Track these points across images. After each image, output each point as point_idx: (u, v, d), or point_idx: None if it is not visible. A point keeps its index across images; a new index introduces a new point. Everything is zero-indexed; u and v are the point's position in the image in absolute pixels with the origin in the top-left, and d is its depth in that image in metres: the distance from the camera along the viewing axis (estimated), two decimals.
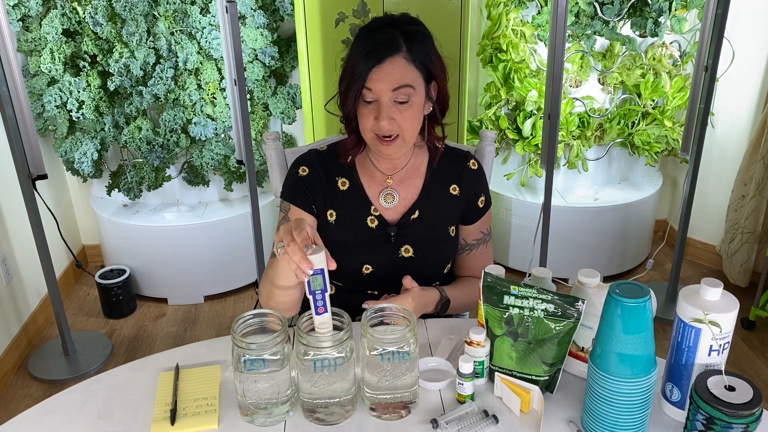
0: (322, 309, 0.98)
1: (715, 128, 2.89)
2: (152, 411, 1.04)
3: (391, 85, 1.18)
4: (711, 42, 2.25)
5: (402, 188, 1.34)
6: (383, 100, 1.19)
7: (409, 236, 1.33)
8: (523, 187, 2.94)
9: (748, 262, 2.72)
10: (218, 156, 2.62)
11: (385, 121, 1.19)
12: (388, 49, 1.17)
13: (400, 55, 1.18)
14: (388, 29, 1.20)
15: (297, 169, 1.34)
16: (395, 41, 1.18)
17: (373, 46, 1.18)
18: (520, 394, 1.01)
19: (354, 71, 1.19)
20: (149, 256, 2.76)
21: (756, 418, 0.86)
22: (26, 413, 1.05)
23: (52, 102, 2.49)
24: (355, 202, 1.33)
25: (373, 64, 1.17)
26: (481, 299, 1.07)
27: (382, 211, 1.33)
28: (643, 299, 0.88)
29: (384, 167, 1.34)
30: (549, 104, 2.21)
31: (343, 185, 1.34)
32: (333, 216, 1.33)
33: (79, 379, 1.82)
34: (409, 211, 1.33)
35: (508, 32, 2.65)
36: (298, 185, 1.33)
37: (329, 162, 1.34)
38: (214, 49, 2.48)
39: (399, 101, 1.19)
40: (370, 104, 1.21)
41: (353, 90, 1.20)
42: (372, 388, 1.01)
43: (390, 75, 1.17)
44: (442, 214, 1.35)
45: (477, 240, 1.41)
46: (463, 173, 1.37)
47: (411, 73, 1.19)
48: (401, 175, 1.34)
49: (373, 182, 1.34)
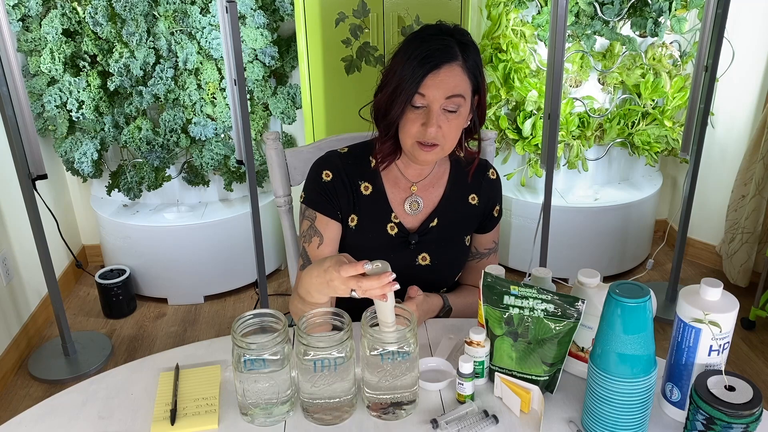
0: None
1: (715, 128, 2.89)
2: (152, 411, 1.04)
3: (446, 93, 1.16)
4: (711, 42, 2.25)
5: (425, 196, 1.33)
6: (434, 107, 1.16)
7: (428, 244, 1.33)
8: (523, 187, 2.94)
9: (748, 262, 2.72)
10: (218, 156, 2.62)
11: (433, 128, 1.16)
12: (445, 56, 1.15)
13: (457, 63, 1.16)
14: (444, 37, 1.17)
15: (320, 174, 1.29)
16: (452, 49, 1.16)
17: (429, 51, 1.15)
18: (520, 394, 1.01)
19: (405, 75, 1.16)
20: (149, 256, 2.76)
21: (756, 418, 0.86)
22: (26, 413, 1.05)
23: (52, 102, 2.49)
24: (376, 208, 1.31)
25: (429, 69, 1.14)
26: (481, 299, 1.07)
27: (403, 218, 1.32)
28: (643, 299, 0.88)
29: (411, 174, 1.32)
30: (549, 104, 2.21)
31: (366, 190, 1.31)
32: (354, 221, 1.31)
33: (79, 379, 1.82)
34: (428, 219, 1.33)
35: (508, 32, 2.65)
36: (323, 191, 1.28)
37: (352, 165, 1.31)
38: (214, 49, 2.48)
39: (449, 110, 1.17)
40: (417, 110, 1.18)
41: (404, 94, 1.16)
42: (372, 388, 1.01)
43: (445, 82, 1.15)
44: (460, 222, 1.35)
45: (489, 249, 1.41)
46: (483, 182, 1.36)
47: (464, 83, 1.17)
48: (425, 183, 1.33)
49: (397, 189, 1.32)
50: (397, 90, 1.17)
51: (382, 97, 1.21)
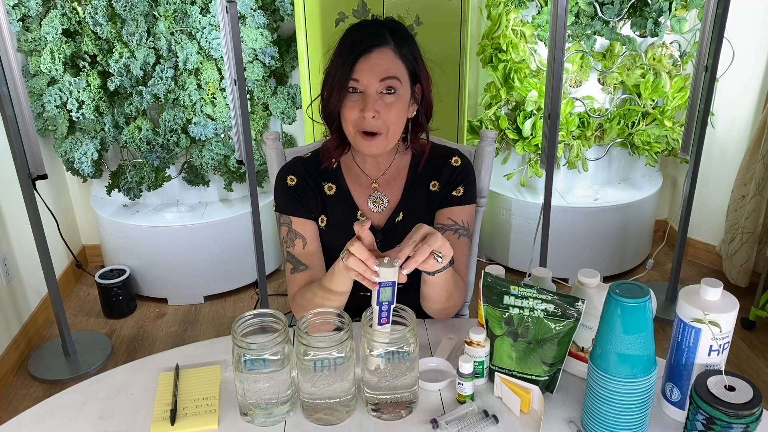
0: (385, 320, 0.99)
1: (715, 128, 2.89)
2: (152, 411, 1.04)
3: (379, 75, 1.17)
4: (711, 42, 2.25)
5: (388, 191, 1.33)
6: (369, 91, 1.18)
7: (394, 242, 1.31)
8: (523, 187, 2.94)
9: (748, 262, 2.72)
10: (218, 156, 2.62)
11: (370, 113, 1.17)
12: (375, 40, 1.18)
13: (388, 46, 1.18)
14: (374, 25, 1.21)
15: (285, 179, 1.32)
16: (383, 35, 1.19)
17: (359, 37, 1.19)
18: (520, 394, 1.01)
19: (339, 63, 1.18)
20: (149, 256, 2.76)
21: (756, 418, 0.86)
22: (26, 413, 1.05)
23: (52, 102, 2.49)
24: (342, 207, 1.32)
25: (360, 53, 1.17)
26: (481, 299, 1.07)
27: (369, 216, 1.32)
28: (643, 299, 0.88)
29: (369, 170, 1.32)
30: (549, 104, 2.21)
31: (330, 190, 1.32)
32: (324, 221, 1.32)
33: (79, 379, 1.82)
34: (393, 215, 1.32)
35: (508, 32, 2.65)
36: (291, 195, 1.31)
37: (314, 168, 1.33)
38: (214, 49, 2.48)
39: (386, 92, 1.18)
40: (354, 97, 1.19)
41: (339, 82, 1.18)
42: (372, 388, 1.01)
43: (377, 65, 1.17)
44: (424, 213, 1.33)
45: (442, 224, 1.30)
46: (444, 169, 1.33)
47: (398, 66, 1.19)
48: (386, 178, 1.33)
49: (360, 186, 1.33)
50: (333, 79, 1.19)
51: (323, 91, 1.23)
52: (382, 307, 0.99)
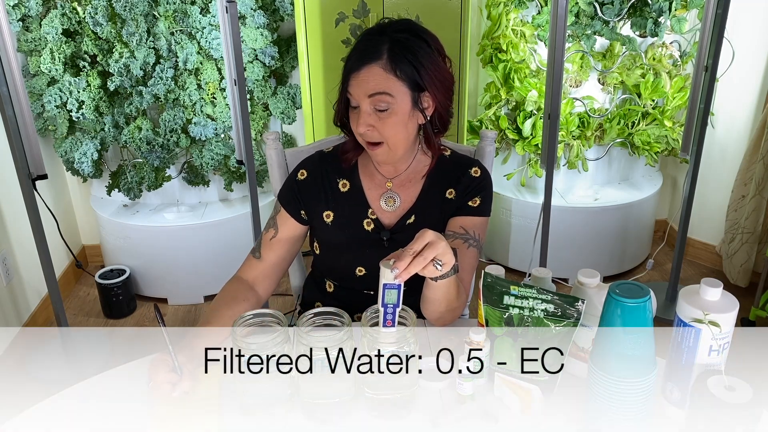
0: (390, 323, 0.99)
1: (715, 128, 2.89)
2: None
3: (367, 92, 1.19)
4: (711, 42, 2.25)
5: (402, 192, 1.34)
6: (363, 107, 1.20)
7: (403, 241, 1.31)
8: (523, 187, 2.94)
9: (748, 262, 2.72)
10: (218, 156, 2.62)
11: (362, 128, 1.21)
12: (367, 57, 1.19)
13: (378, 63, 1.18)
14: (378, 36, 1.21)
15: (297, 172, 1.36)
16: (378, 50, 1.18)
17: (357, 52, 1.21)
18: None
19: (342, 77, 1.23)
20: (149, 256, 2.76)
21: None
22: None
23: (52, 102, 2.49)
24: (353, 204, 1.33)
25: (350, 70, 1.20)
26: (481, 299, 1.07)
27: (380, 215, 1.33)
28: (643, 299, 0.88)
29: (384, 171, 1.34)
30: (549, 104, 2.21)
31: (344, 186, 1.34)
32: (330, 217, 1.33)
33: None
34: (405, 216, 1.33)
35: (508, 32, 2.65)
36: (293, 190, 1.35)
37: (332, 163, 1.36)
38: (214, 49, 2.48)
39: (378, 108, 1.20)
40: (355, 109, 1.23)
41: (340, 95, 1.24)
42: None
43: (365, 82, 1.18)
44: (436, 218, 1.33)
45: (453, 232, 1.30)
46: (463, 178, 1.34)
47: (388, 81, 1.18)
48: (401, 179, 1.34)
49: (374, 184, 1.34)
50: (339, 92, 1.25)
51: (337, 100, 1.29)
52: (387, 309, 0.98)
